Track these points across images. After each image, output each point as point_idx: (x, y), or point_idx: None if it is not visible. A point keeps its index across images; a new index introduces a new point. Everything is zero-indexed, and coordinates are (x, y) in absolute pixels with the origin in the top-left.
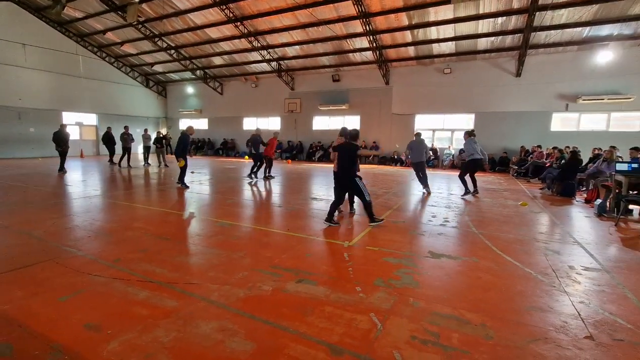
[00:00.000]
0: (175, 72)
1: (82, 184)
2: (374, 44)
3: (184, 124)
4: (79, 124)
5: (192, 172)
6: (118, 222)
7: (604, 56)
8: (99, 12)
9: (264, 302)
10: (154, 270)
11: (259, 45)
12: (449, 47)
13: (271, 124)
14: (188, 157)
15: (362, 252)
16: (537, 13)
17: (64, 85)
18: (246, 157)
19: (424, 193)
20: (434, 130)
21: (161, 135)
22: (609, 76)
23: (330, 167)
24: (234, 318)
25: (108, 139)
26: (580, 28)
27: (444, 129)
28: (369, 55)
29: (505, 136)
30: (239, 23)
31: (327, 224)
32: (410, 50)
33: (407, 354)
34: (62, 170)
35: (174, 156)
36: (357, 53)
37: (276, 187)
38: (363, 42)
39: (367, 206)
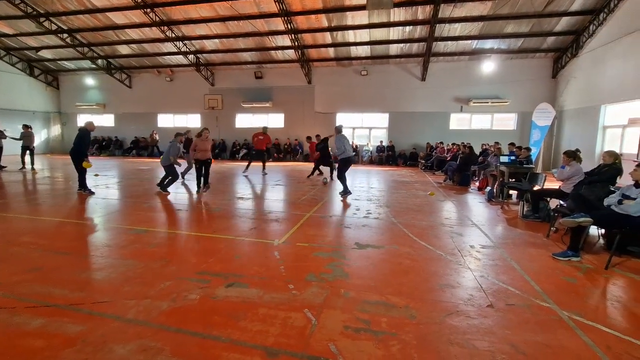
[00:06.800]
0: (69, 59)
1: None
2: (296, 43)
3: (83, 120)
4: None
5: (96, 175)
6: None
7: (488, 66)
8: None
9: (191, 313)
10: (50, 292)
11: (173, 35)
12: (365, 50)
13: (190, 121)
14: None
15: (292, 249)
16: (437, 25)
17: None
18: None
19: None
20: (354, 128)
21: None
22: (492, 83)
23: (256, 165)
24: (156, 335)
25: None
26: (470, 41)
27: (362, 127)
28: (291, 53)
29: (414, 134)
30: (148, 10)
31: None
32: (331, 51)
33: (342, 345)
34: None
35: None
36: (279, 51)
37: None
38: (285, 40)
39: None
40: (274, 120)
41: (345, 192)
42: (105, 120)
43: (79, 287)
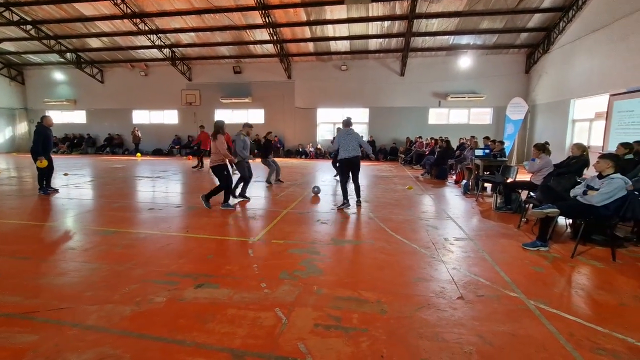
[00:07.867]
0: (35, 53)
1: None
2: (275, 37)
3: (53, 117)
4: None
5: (66, 174)
6: None
7: (465, 62)
8: None
9: (155, 317)
10: (1, 301)
11: (147, 28)
12: (344, 45)
13: (167, 117)
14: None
15: (267, 246)
16: (415, 20)
17: None
18: (138, 154)
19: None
20: (334, 124)
21: None
22: (468, 78)
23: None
24: (117, 341)
25: None
26: (447, 36)
27: None
28: (270, 48)
29: (394, 129)
30: (119, 1)
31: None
32: (310, 46)
33: (311, 343)
34: None
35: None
36: (258, 45)
37: (175, 185)
38: (263, 34)
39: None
40: (254, 116)
41: (343, 203)
42: (76, 117)
43: (35, 294)
